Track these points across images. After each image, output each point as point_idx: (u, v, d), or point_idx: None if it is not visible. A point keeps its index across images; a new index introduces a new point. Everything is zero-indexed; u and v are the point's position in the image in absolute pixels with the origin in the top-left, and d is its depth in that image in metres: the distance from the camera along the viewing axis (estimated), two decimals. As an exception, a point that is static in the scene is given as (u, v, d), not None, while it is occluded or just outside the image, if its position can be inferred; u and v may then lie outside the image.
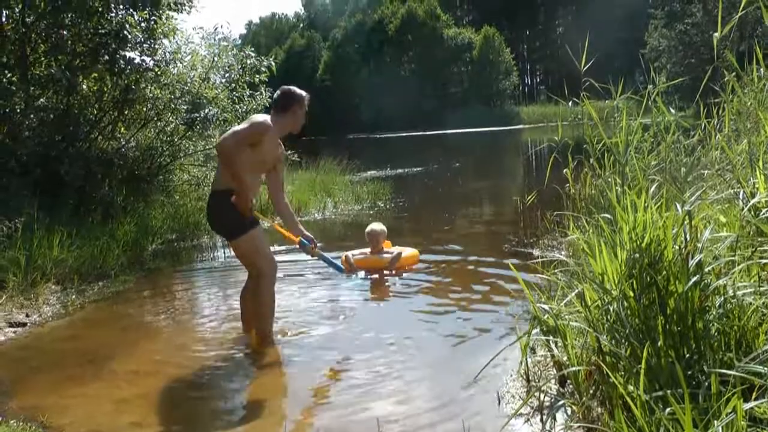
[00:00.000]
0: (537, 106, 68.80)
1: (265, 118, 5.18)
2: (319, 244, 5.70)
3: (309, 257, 5.86)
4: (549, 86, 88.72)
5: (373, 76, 72.47)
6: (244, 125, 5.07)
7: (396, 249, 7.79)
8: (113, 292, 7.18)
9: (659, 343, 2.99)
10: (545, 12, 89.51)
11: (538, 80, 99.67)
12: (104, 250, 8.05)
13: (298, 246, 5.62)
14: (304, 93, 5.42)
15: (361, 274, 5.54)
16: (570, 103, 6.47)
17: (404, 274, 7.34)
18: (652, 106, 5.45)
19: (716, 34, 3.93)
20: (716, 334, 3.03)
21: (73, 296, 6.90)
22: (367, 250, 7.70)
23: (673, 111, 5.54)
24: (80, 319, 6.30)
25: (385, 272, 7.39)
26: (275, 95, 5.43)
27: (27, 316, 6.22)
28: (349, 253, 7.67)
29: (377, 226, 7.78)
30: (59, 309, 6.53)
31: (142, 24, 10.61)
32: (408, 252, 7.72)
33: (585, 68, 5.34)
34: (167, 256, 9.06)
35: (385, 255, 7.50)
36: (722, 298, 3.07)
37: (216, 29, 13.31)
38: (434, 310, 5.99)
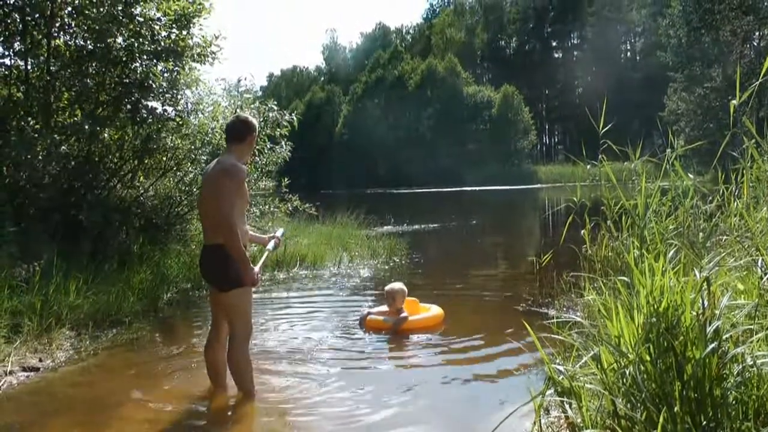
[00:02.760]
0: (555, 165, 68.74)
1: (233, 161, 4.98)
2: (270, 246, 5.64)
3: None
4: (567, 146, 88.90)
5: (392, 131, 72.86)
6: (224, 182, 4.84)
7: (430, 306, 7.83)
8: (127, 339, 7.18)
9: (676, 409, 2.96)
10: (565, 72, 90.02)
11: (556, 140, 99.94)
12: (119, 297, 8.06)
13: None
14: (256, 122, 5.35)
15: (271, 245, 5.47)
16: (588, 166, 6.50)
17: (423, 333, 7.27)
18: (670, 169, 5.46)
19: (734, 101, 3.96)
20: (734, 402, 3.00)
21: (87, 342, 6.90)
22: (385, 308, 7.67)
23: (691, 175, 5.54)
24: (93, 365, 6.29)
25: (387, 332, 7.32)
26: (231, 124, 5.27)
27: (40, 360, 6.22)
28: (366, 310, 7.71)
29: (396, 285, 7.73)
30: (72, 354, 6.53)
31: (166, 74, 10.76)
32: (431, 313, 7.66)
33: (603, 130, 5.37)
34: (181, 305, 9.05)
35: (402, 315, 7.43)
36: (740, 367, 3.04)
37: (240, 81, 13.45)
38: (447, 368, 5.96)
